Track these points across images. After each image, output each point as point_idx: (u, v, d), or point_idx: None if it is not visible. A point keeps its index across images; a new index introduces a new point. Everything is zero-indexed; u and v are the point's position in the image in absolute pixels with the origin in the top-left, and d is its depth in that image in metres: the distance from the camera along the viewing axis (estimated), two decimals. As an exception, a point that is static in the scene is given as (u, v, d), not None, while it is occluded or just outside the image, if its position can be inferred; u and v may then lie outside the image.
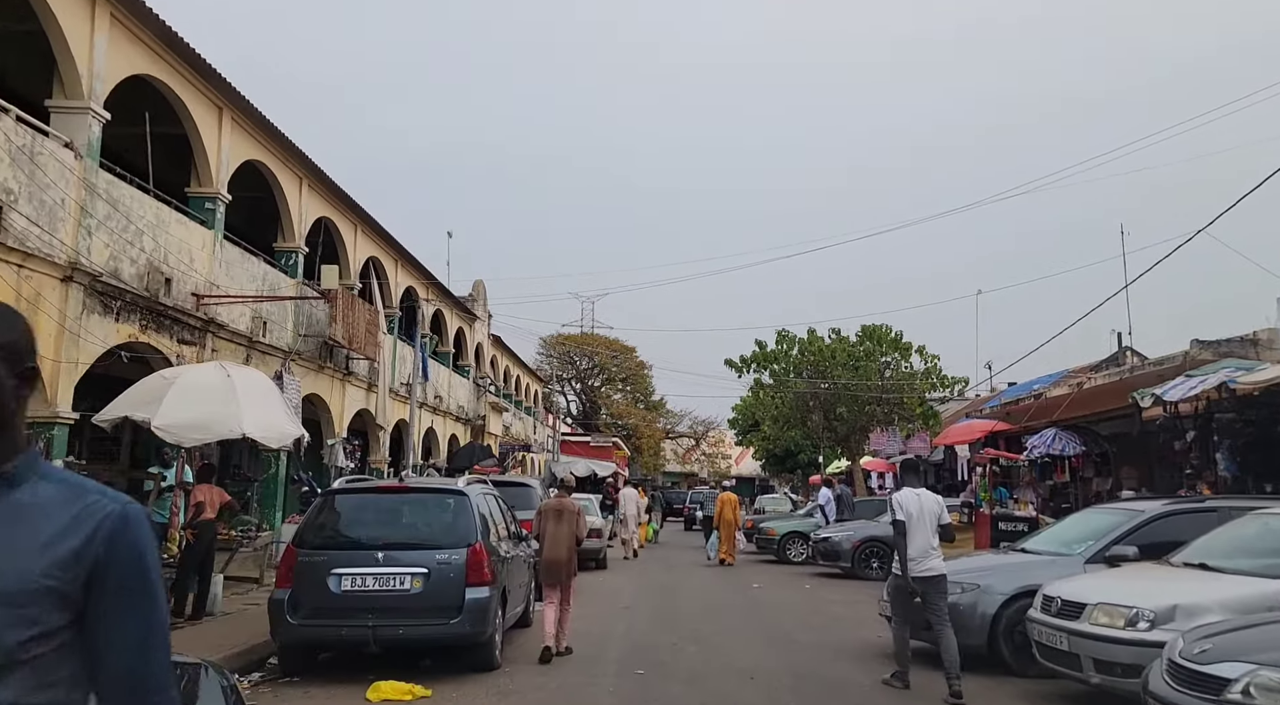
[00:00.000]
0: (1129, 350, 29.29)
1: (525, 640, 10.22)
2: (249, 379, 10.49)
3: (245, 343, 14.97)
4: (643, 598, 14.49)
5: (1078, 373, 28.87)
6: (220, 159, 13.86)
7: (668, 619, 12.11)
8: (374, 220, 20.46)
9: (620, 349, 61.16)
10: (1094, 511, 9.87)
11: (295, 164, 16.50)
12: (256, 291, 15.15)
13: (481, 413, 32.75)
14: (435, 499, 8.67)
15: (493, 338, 35.91)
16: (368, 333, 19.34)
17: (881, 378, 32.45)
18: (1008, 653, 8.12)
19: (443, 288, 26.79)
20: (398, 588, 7.82)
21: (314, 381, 18.05)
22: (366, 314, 19.27)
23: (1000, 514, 13.03)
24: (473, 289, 33.04)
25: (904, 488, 8.12)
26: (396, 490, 8.52)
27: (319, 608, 7.82)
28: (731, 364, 33.56)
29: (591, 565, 19.31)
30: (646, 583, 16.88)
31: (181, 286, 12.85)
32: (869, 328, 33.04)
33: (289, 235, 16.76)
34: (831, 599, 14.27)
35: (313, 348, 17.75)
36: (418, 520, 8.48)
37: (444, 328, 28.59)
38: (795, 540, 21.50)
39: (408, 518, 8.49)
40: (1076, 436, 20.65)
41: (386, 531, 8.36)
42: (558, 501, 9.58)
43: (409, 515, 8.50)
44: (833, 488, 22.51)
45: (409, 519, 8.48)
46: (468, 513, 8.30)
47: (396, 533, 8.37)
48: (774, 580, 17.32)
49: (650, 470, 68.19)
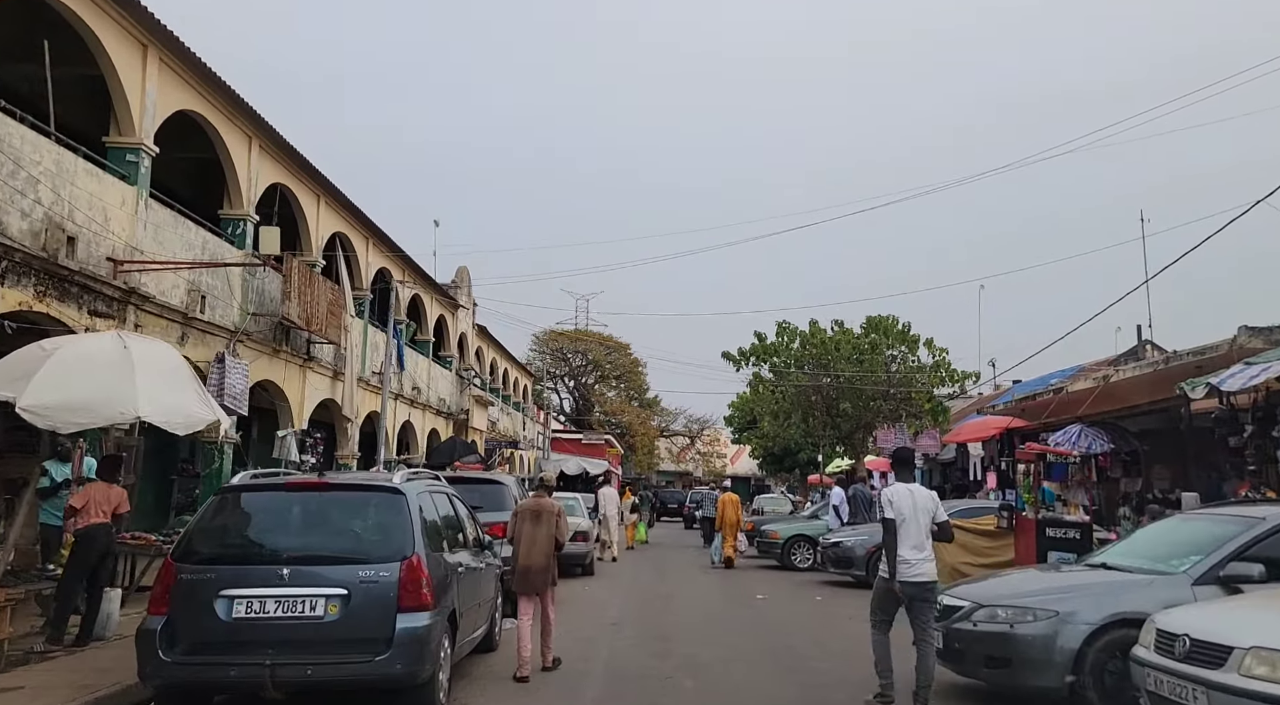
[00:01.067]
0: (1149, 343, 27.61)
1: (486, 669, 8.42)
2: (151, 352, 8.64)
3: (180, 319, 13.11)
4: (632, 611, 12.67)
5: (1097, 366, 27.23)
6: (144, 105, 11.99)
7: (660, 639, 10.30)
8: (340, 192, 18.59)
9: (614, 346, 59.91)
10: (1187, 518, 8.07)
11: (242, 119, 14.62)
12: (194, 261, 13.29)
13: (465, 407, 30.89)
14: (361, 499, 6.82)
15: (478, 328, 34.04)
16: (330, 314, 17.49)
17: (887, 372, 30.72)
18: (1097, 700, 6.32)
19: (421, 270, 24.92)
20: (307, 614, 5.99)
21: (267, 366, 16.19)
22: (329, 293, 17.42)
23: (1048, 519, 11.21)
24: (456, 275, 31.19)
25: (895, 482, 7.34)
26: (311, 488, 6.68)
27: (202, 640, 5.99)
28: (729, 357, 31.77)
29: (577, 571, 17.56)
30: (637, 592, 15.06)
31: (93, 249, 10.99)
32: (874, 319, 31.28)
33: (236, 201, 14.88)
34: (847, 615, 12.45)
35: (265, 328, 15.89)
36: (338, 526, 6.64)
37: (423, 315, 26.73)
38: (800, 544, 19.73)
39: (325, 523, 6.64)
40: (1104, 433, 18.93)
41: (296, 541, 6.52)
42: (535, 501, 8.58)
43: (327, 520, 6.65)
44: (847, 486, 20.67)
45: (327, 525, 6.64)
46: (403, 516, 6.47)
47: (309, 542, 6.53)
48: (779, 590, 15.51)
49: (644, 469, 67.04)
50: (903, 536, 6.90)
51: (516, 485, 12.98)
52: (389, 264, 22.74)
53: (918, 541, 6.90)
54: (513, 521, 8.51)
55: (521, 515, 8.45)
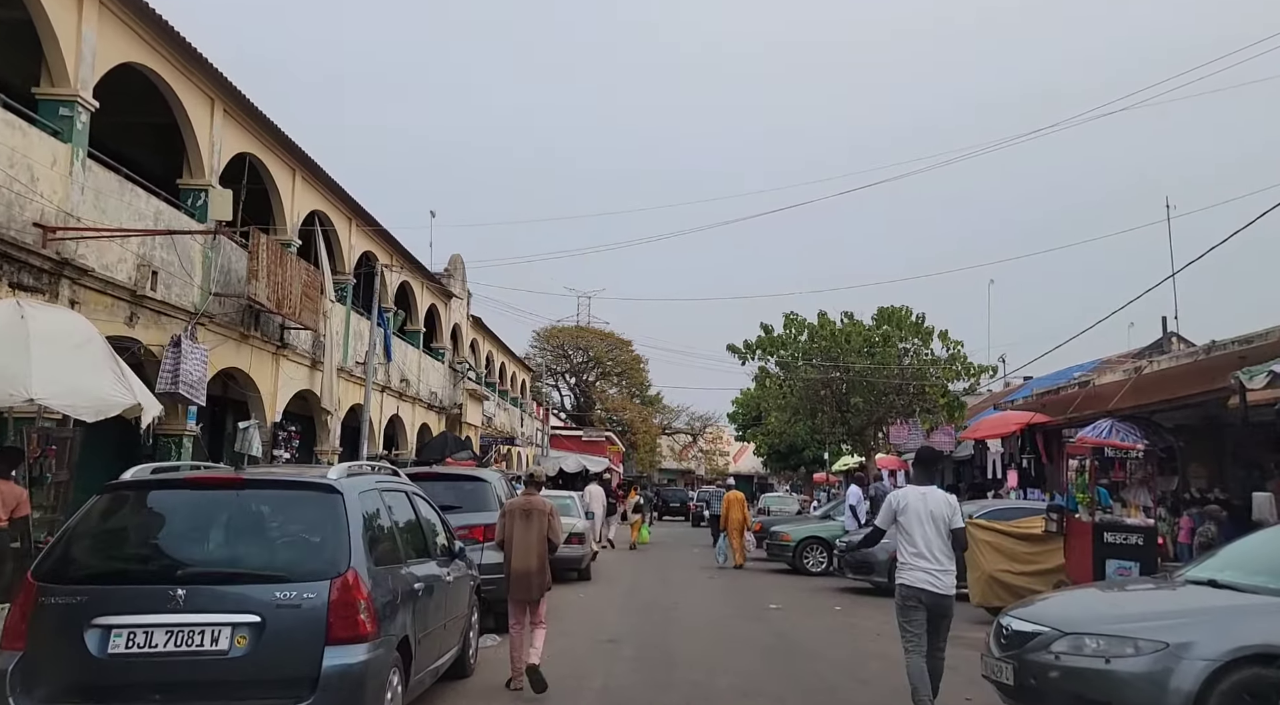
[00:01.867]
0: (1174, 336, 26.22)
1: (456, 696, 7.07)
2: (56, 324, 7.35)
3: (127, 297, 11.74)
4: (631, 624, 11.28)
5: (1122, 359, 25.89)
6: (80, 53, 10.59)
7: (664, 663, 8.92)
8: (317, 166, 17.19)
9: (616, 342, 58.71)
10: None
11: (202, 79, 13.23)
12: (132, 229, 11.90)
13: (458, 401, 29.51)
14: (285, 500, 5.41)
15: (473, 319, 32.66)
16: (306, 297, 16.11)
17: (900, 365, 29.32)
18: (1228, 758, 4.94)
19: (409, 256, 23.52)
20: (207, 648, 4.62)
21: (234, 352, 14.82)
22: (304, 274, 16.03)
23: (1107, 522, 9.80)
24: (449, 264, 29.79)
25: (909, 484, 6.93)
26: (223, 485, 5.32)
27: (69, 683, 4.62)
28: (734, 349, 30.40)
29: (572, 576, 16.19)
30: (637, 601, 13.67)
31: (15, 212, 9.61)
32: (886, 310, 29.85)
33: (196, 169, 13.49)
34: (875, 630, 11.06)
35: (232, 311, 14.51)
36: (254, 535, 5.26)
37: (413, 303, 25.33)
38: (814, 547, 18.35)
39: (238, 531, 5.25)
40: (1136, 428, 17.58)
41: (198, 553, 5.15)
42: (525, 499, 7.93)
43: (240, 526, 5.26)
44: (865, 484, 19.28)
45: (240, 533, 5.26)
46: (338, 521, 5.08)
47: (215, 555, 5.15)
48: (794, 599, 14.11)
49: (646, 467, 66.00)
50: (907, 544, 6.38)
51: (503, 482, 11.60)
52: (375, 247, 21.36)
53: (928, 549, 6.29)
54: (501, 522, 7.87)
55: (511, 515, 7.78)
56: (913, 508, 6.37)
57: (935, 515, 6.32)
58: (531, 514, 7.70)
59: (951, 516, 6.33)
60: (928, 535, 6.28)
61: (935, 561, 6.24)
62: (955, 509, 6.40)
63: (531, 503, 7.85)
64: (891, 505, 6.54)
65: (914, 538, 6.32)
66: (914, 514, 6.34)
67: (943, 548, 6.29)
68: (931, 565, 6.23)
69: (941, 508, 6.35)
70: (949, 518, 6.32)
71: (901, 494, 6.62)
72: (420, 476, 11.20)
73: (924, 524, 6.30)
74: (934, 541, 6.28)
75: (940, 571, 6.24)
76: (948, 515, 6.32)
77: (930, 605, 6.24)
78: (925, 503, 6.38)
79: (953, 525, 6.32)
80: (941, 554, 6.27)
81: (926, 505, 6.36)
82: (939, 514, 6.32)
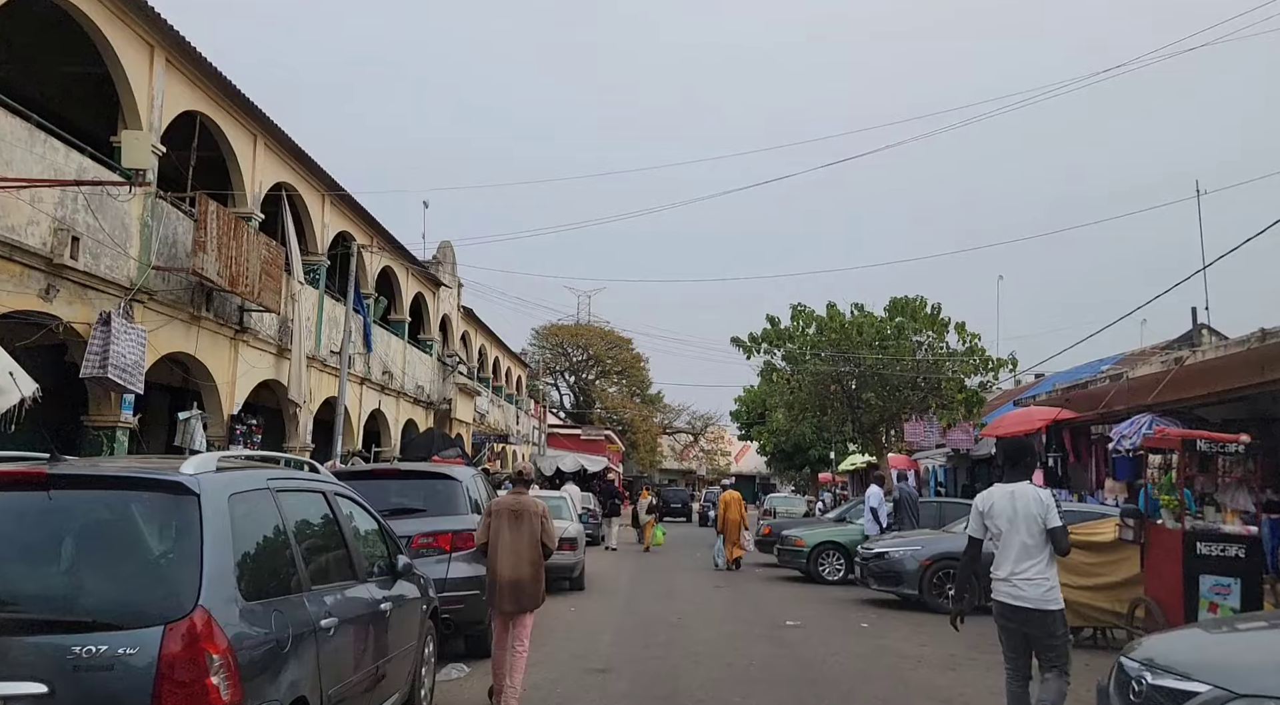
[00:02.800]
0: (1205, 328, 24.59)
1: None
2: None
3: (42, 266, 10.09)
4: (627, 647, 9.62)
5: (1148, 353, 24.36)
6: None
7: (664, 701, 7.30)
8: (283, 133, 15.53)
9: (616, 341, 57.28)
10: None
11: (137, 21, 11.56)
12: (62, 193, 10.25)
13: (448, 396, 27.84)
14: (112, 505, 3.70)
15: (464, 310, 30.98)
16: (266, 276, 14.45)
17: (915, 358, 27.67)
18: None
19: (392, 239, 21.85)
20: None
21: (182, 335, 13.17)
22: (263, 249, 14.37)
23: (1201, 530, 8.15)
24: (438, 251, 28.10)
25: (995, 483, 5.95)
26: (20, 482, 3.66)
27: None
28: (739, 342, 28.71)
29: (564, 586, 14.60)
30: (636, 617, 12.02)
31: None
32: (899, 300, 28.15)
33: (133, 125, 11.82)
34: (915, 655, 9.41)
35: (178, 288, 12.86)
36: (56, 559, 3.59)
37: (397, 291, 23.68)
38: (830, 553, 16.70)
39: (30, 554, 3.59)
40: (1179, 424, 15.98)
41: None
42: (514, 499, 7.19)
43: (36, 547, 3.60)
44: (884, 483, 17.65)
45: (34, 556, 3.59)
46: (187, 537, 3.46)
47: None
48: (813, 614, 12.44)
49: (646, 467, 64.56)
50: (1004, 552, 5.62)
51: (478, 481, 9.94)
52: (352, 227, 19.71)
53: (1016, 556, 5.55)
54: (485, 523, 7.12)
55: (497, 516, 7.03)
56: (1000, 509, 5.64)
57: (1026, 515, 5.54)
58: (522, 515, 6.98)
59: (1045, 515, 5.52)
60: (1019, 540, 5.54)
61: (1023, 570, 5.50)
62: (1049, 506, 5.57)
63: (521, 502, 7.09)
64: (978, 508, 5.84)
65: (1001, 544, 5.63)
66: (1002, 517, 5.61)
67: (1036, 553, 5.51)
68: (1019, 575, 5.51)
69: (1032, 506, 5.55)
70: (1042, 517, 5.51)
71: (986, 495, 5.85)
72: (376, 475, 9.59)
73: (1014, 527, 5.55)
74: (1026, 546, 5.53)
75: (1026, 581, 5.48)
76: (1040, 514, 5.52)
77: (1020, 621, 5.53)
78: (1014, 502, 5.61)
79: (1048, 524, 5.50)
80: (1033, 560, 5.50)
81: (1015, 505, 5.60)
82: (1030, 513, 5.54)
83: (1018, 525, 5.53)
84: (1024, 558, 5.49)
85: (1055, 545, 5.49)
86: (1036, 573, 5.46)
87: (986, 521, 5.71)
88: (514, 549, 6.93)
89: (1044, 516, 5.49)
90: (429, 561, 8.32)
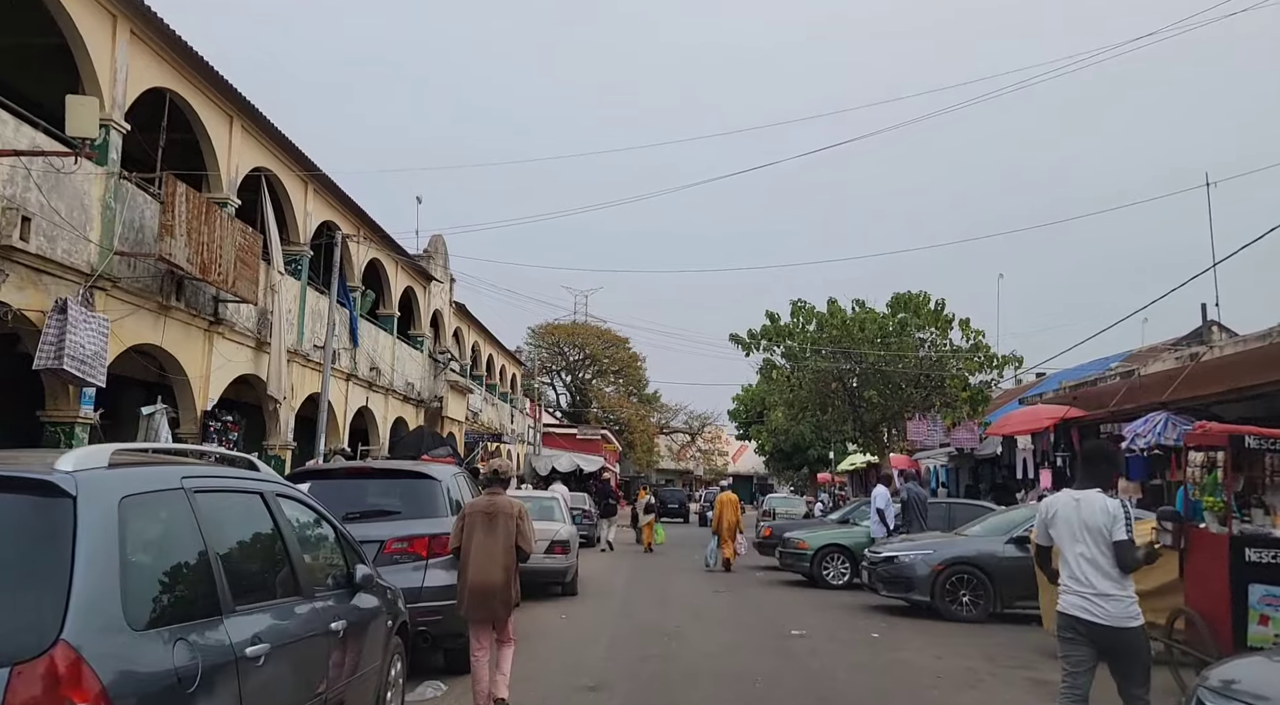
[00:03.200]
0: (1215, 324, 23.95)
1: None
2: None
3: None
4: (621, 661, 8.87)
5: (1159, 350, 23.71)
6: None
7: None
8: (262, 116, 14.77)
9: (613, 340, 56.72)
10: None
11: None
12: (10, 168, 9.49)
13: (439, 393, 27.08)
14: None
15: (456, 305, 30.22)
16: (242, 264, 13.69)
17: (917, 355, 26.98)
18: None
19: (380, 230, 21.10)
20: None
21: (150, 325, 12.42)
22: (238, 235, 13.61)
23: (1249, 534, 7.44)
24: (430, 244, 27.32)
25: (1064, 488, 5.52)
26: None
27: None
28: (738, 339, 28.04)
29: (555, 591, 13.87)
30: (631, 625, 11.27)
31: None
32: (901, 296, 27.49)
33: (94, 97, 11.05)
34: (933, 670, 8.68)
35: (145, 275, 12.10)
36: None
37: (385, 284, 22.91)
38: (834, 557, 15.97)
39: None
40: (1193, 422, 15.40)
41: None
42: (489, 500, 6.86)
43: None
44: (890, 483, 16.93)
45: None
46: (54, 552, 2.72)
47: None
48: (819, 622, 11.71)
49: (643, 467, 63.91)
50: (1064, 564, 5.14)
51: (460, 481, 9.20)
52: (337, 217, 18.96)
53: (1079, 569, 5.03)
54: (459, 526, 6.78)
55: (470, 519, 6.72)
56: (1063, 517, 5.16)
57: (1090, 525, 5.02)
58: (496, 517, 6.64)
59: (1111, 526, 4.98)
60: (1085, 552, 5.03)
61: (1088, 584, 4.97)
62: (1117, 517, 4.99)
63: (496, 504, 6.73)
64: (1041, 515, 5.38)
65: (1064, 554, 5.15)
66: (1064, 525, 5.15)
67: (1103, 566, 4.97)
68: (1085, 588, 4.98)
69: (1097, 516, 5.01)
70: (1107, 528, 4.97)
71: (1050, 501, 5.40)
72: (347, 474, 8.85)
73: (1079, 538, 5.06)
74: (1087, 559, 5.01)
75: (1098, 596, 4.93)
76: (1105, 525, 4.98)
77: (1094, 639, 4.98)
78: (1078, 511, 5.11)
79: (1113, 537, 4.96)
80: (1099, 574, 4.96)
81: (1079, 514, 5.09)
82: (1094, 524, 5.01)
83: (1079, 536, 5.04)
84: (1098, 572, 4.98)
85: (1119, 560, 4.93)
86: (1117, 589, 4.94)
87: (1050, 530, 5.27)
88: (487, 553, 6.57)
89: (1109, 528, 4.96)
90: (404, 568, 7.61)
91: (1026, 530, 11.57)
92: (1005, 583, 11.71)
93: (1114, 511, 4.99)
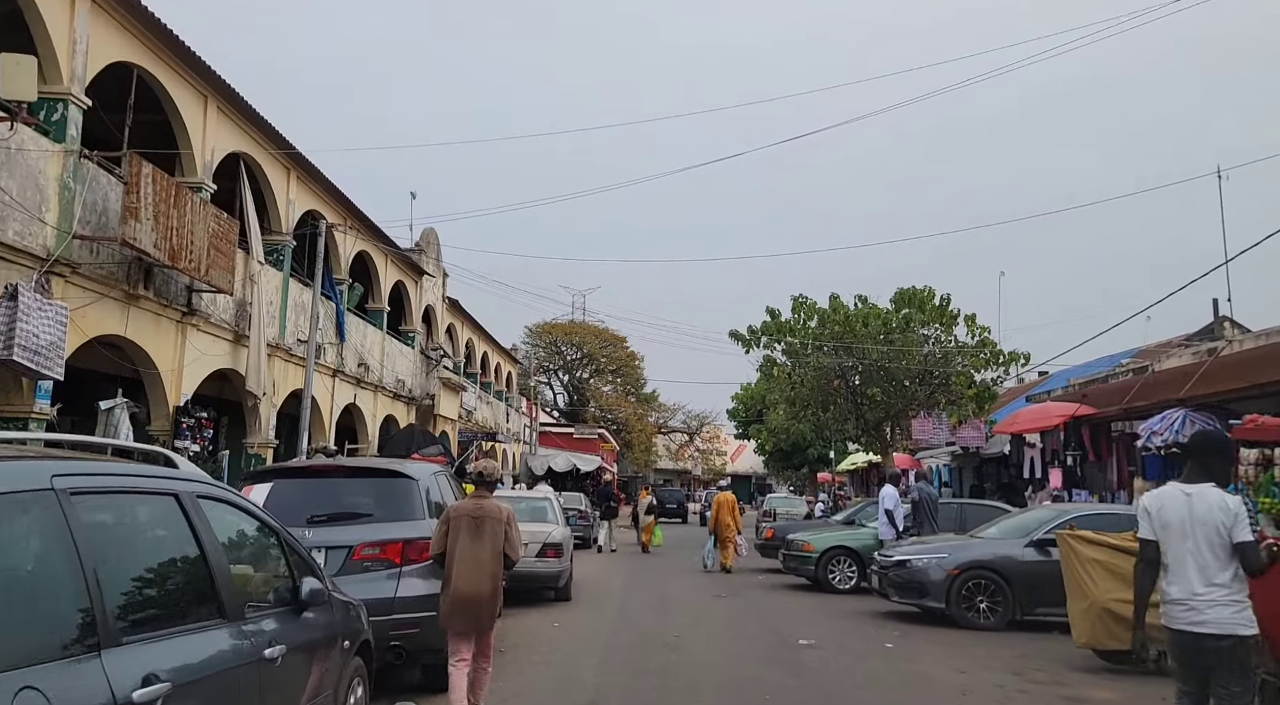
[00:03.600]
0: (1227, 320, 23.29)
1: None
2: None
3: (-70, 228, 8.60)
4: (617, 675, 8.13)
5: (1172, 346, 23.05)
6: None
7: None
8: (239, 97, 14.01)
9: (610, 339, 56.08)
10: None
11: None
12: (-46, 141, 8.75)
13: (431, 391, 26.34)
14: None
15: (449, 301, 29.48)
16: (216, 251, 12.94)
17: (922, 352, 26.27)
18: None
19: (368, 220, 20.35)
20: None
21: (116, 315, 11.67)
22: (212, 221, 12.86)
23: (1316, 540, 6.69)
24: (421, 238, 26.55)
25: (1170, 481, 4.81)
26: None
27: None
28: (737, 336, 27.31)
29: (549, 596, 13.15)
30: (628, 634, 10.52)
31: None
32: (905, 291, 26.78)
33: (50, 73, 10.32)
34: (958, 685, 7.95)
35: (110, 261, 11.35)
36: None
37: (374, 278, 22.17)
38: (841, 560, 15.25)
39: None
40: (1213, 420, 14.78)
41: None
42: (475, 503, 6.40)
43: None
44: (899, 482, 16.21)
45: None
46: None
47: None
48: (827, 629, 10.98)
49: (641, 467, 63.26)
50: (1175, 566, 4.55)
51: (442, 481, 8.46)
52: (322, 205, 18.22)
53: (1188, 571, 4.52)
54: (442, 531, 6.33)
55: (455, 523, 6.29)
56: (1172, 513, 4.59)
57: (1205, 523, 4.48)
58: (483, 522, 6.22)
59: (1233, 525, 4.44)
60: (1193, 551, 4.49)
61: (1193, 588, 4.45)
62: (1238, 515, 4.45)
63: (483, 508, 6.31)
64: (1145, 508, 4.73)
65: (1171, 558, 4.56)
66: (1175, 522, 4.59)
67: (1215, 568, 4.43)
68: (1201, 596, 4.43)
69: (1214, 513, 4.47)
70: (1228, 527, 4.43)
71: (1157, 495, 4.73)
72: (312, 472, 8.10)
73: (1188, 536, 4.52)
74: (1203, 561, 4.48)
75: (1211, 603, 4.40)
76: (1224, 523, 4.43)
77: (1192, 650, 4.46)
78: (1190, 507, 4.56)
79: (1235, 538, 4.41)
80: (1209, 576, 4.43)
81: (1193, 510, 4.55)
82: (1211, 521, 4.46)
83: (1193, 535, 4.50)
84: (1203, 575, 4.46)
85: (1244, 563, 4.42)
86: (1227, 593, 4.40)
87: (1156, 527, 4.66)
88: (474, 561, 6.14)
89: (1230, 527, 4.43)
90: (375, 577, 6.90)
91: (1047, 533, 10.88)
92: (1025, 588, 11.01)
93: (1235, 509, 4.44)
